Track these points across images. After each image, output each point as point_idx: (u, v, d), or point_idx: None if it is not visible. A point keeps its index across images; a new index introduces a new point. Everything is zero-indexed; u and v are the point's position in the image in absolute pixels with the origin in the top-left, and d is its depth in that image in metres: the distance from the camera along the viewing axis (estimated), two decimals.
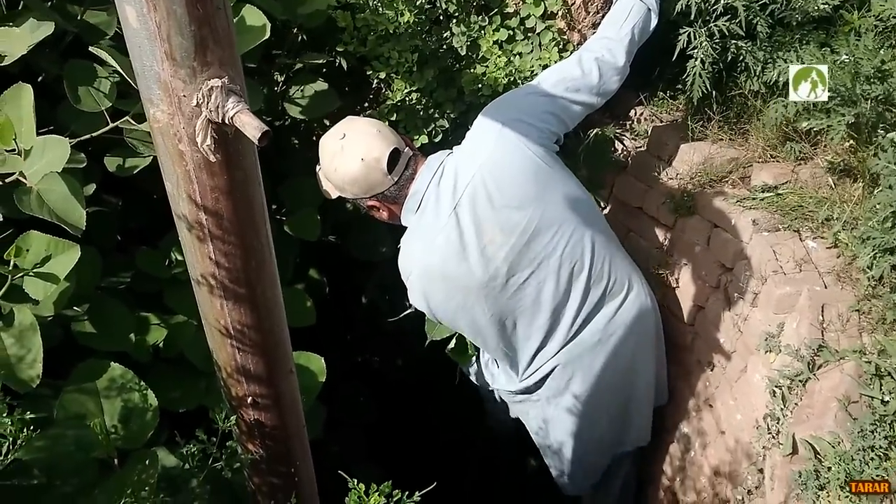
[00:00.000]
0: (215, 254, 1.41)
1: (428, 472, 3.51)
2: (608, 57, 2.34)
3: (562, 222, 2.28)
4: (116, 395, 1.90)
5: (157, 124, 1.28)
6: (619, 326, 2.48)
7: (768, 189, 2.53)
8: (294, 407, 1.75)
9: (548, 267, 2.32)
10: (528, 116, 2.27)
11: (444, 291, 2.33)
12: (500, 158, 2.23)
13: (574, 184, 2.37)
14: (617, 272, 2.44)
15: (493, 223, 2.23)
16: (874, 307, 2.16)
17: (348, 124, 2.22)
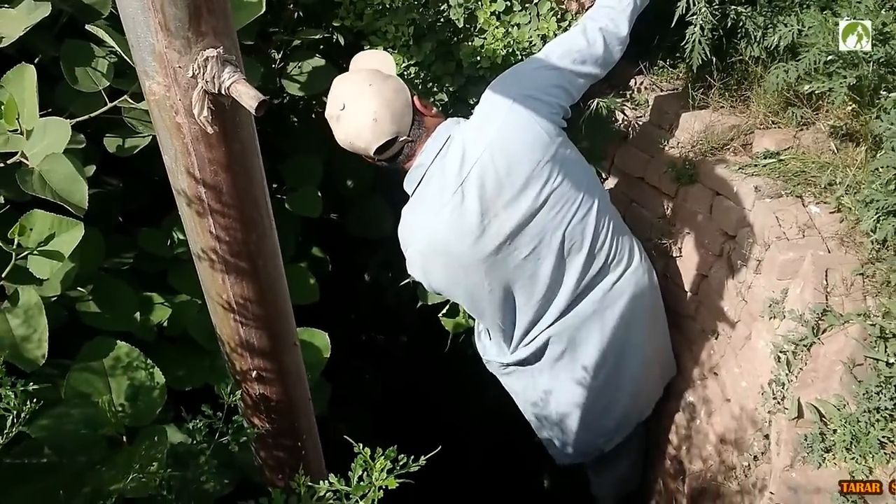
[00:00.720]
0: (215, 228, 1.41)
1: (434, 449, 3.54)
2: (611, 27, 2.32)
3: (566, 199, 2.28)
4: (123, 374, 1.91)
5: (153, 97, 1.27)
6: (615, 298, 2.48)
7: (770, 155, 2.52)
8: (299, 380, 1.76)
9: (550, 242, 2.32)
10: (538, 92, 2.25)
11: (444, 265, 2.33)
12: (510, 135, 2.22)
13: (578, 159, 2.36)
14: (617, 246, 2.44)
15: (499, 200, 2.23)
16: (878, 270, 2.15)
17: (352, 97, 2.17)
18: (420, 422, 3.60)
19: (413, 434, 3.05)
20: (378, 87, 2.17)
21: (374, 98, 2.16)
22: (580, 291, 2.44)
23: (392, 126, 2.18)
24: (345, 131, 2.19)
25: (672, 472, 2.90)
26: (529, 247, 2.31)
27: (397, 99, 2.19)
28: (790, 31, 2.41)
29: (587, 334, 2.51)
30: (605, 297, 2.46)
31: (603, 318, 2.49)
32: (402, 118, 2.20)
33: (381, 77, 2.20)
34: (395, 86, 2.21)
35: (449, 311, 2.91)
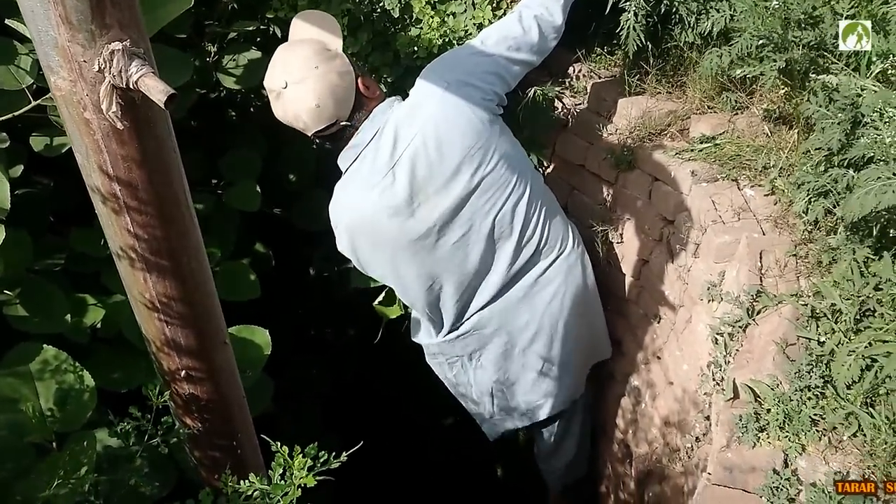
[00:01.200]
0: (133, 225, 1.38)
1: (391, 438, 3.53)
2: (546, 15, 2.33)
3: (497, 186, 2.28)
4: (51, 378, 1.87)
5: (59, 93, 1.23)
6: (545, 284, 2.49)
7: (706, 140, 2.54)
8: (231, 379, 1.73)
9: (479, 229, 2.32)
10: (472, 78, 2.25)
11: (372, 244, 2.33)
12: (443, 121, 2.21)
13: (512, 146, 2.36)
14: (549, 233, 2.45)
15: (430, 185, 2.22)
16: (810, 251, 2.19)
17: (296, 78, 2.12)
18: (372, 413, 3.59)
19: (365, 426, 3.05)
20: (324, 70, 2.13)
21: (317, 82, 2.12)
22: (511, 278, 2.45)
23: (334, 111, 2.17)
24: (283, 110, 2.18)
25: (619, 457, 2.92)
26: (459, 233, 2.31)
27: (341, 83, 2.17)
28: (722, 17, 2.42)
29: (516, 319, 2.52)
30: (535, 283, 2.47)
31: (532, 303, 2.50)
32: (344, 103, 2.18)
33: (328, 57, 2.16)
34: (340, 68, 2.18)
35: (386, 299, 2.90)
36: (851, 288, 1.94)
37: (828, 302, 1.98)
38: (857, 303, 1.91)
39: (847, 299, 1.94)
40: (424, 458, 3.69)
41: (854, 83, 2.12)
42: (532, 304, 2.50)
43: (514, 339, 2.57)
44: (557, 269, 2.48)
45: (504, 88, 2.34)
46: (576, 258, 2.52)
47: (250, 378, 2.19)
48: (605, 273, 2.92)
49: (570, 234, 2.53)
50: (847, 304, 1.93)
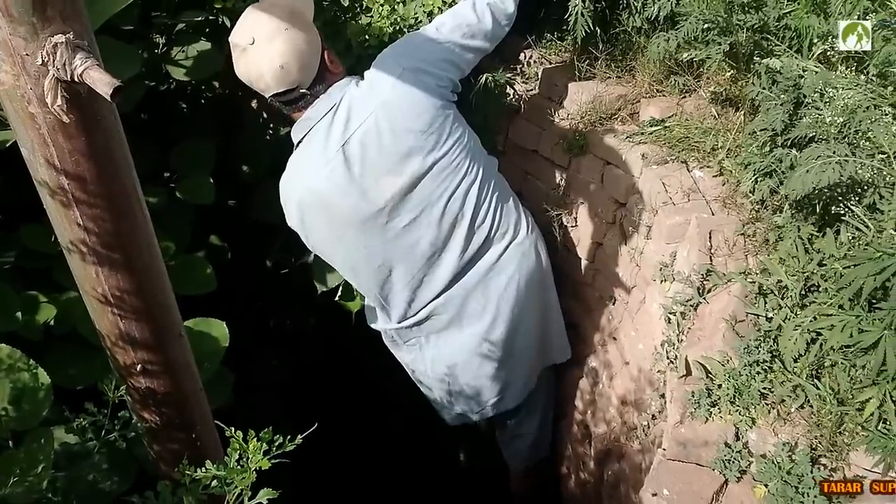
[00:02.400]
0: (83, 219, 1.37)
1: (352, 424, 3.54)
2: (499, 2, 2.35)
3: (448, 171, 2.30)
4: (5, 376, 1.84)
5: (2, 87, 1.22)
6: (500, 270, 2.51)
7: (656, 123, 2.59)
8: (188, 371, 1.72)
9: (430, 215, 2.34)
10: (426, 64, 2.27)
11: (322, 221, 2.35)
12: (396, 104, 2.23)
13: (466, 133, 2.37)
14: (501, 219, 2.47)
15: (381, 166, 2.25)
16: (758, 230, 2.24)
17: (264, 35, 2.11)
18: (333, 401, 3.59)
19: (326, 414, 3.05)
20: (293, 33, 2.13)
21: (285, 43, 2.12)
22: (464, 264, 2.47)
23: (297, 76, 2.18)
24: (246, 67, 2.17)
25: (579, 437, 2.97)
26: (409, 216, 2.33)
27: (309, 51, 2.18)
28: (668, 1, 2.46)
29: (472, 305, 2.54)
30: (490, 269, 2.49)
31: (487, 290, 2.52)
32: (308, 70, 2.19)
33: (299, 22, 2.16)
34: (309, 36, 2.18)
35: (344, 294, 2.91)
36: (797, 265, 2.00)
37: (774, 279, 2.03)
38: (802, 279, 1.97)
39: (793, 276, 1.99)
40: (385, 441, 3.71)
41: (796, 65, 2.17)
42: (487, 290, 2.52)
43: (472, 327, 2.59)
44: (511, 255, 2.50)
45: (458, 75, 2.36)
46: (529, 244, 2.54)
47: (208, 370, 2.19)
48: (562, 257, 2.96)
49: (524, 221, 2.55)
50: (793, 280, 1.98)
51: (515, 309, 2.58)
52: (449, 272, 2.46)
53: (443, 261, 2.44)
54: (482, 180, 2.38)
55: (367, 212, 2.30)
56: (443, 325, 2.59)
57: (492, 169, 2.47)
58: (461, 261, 2.45)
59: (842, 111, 1.94)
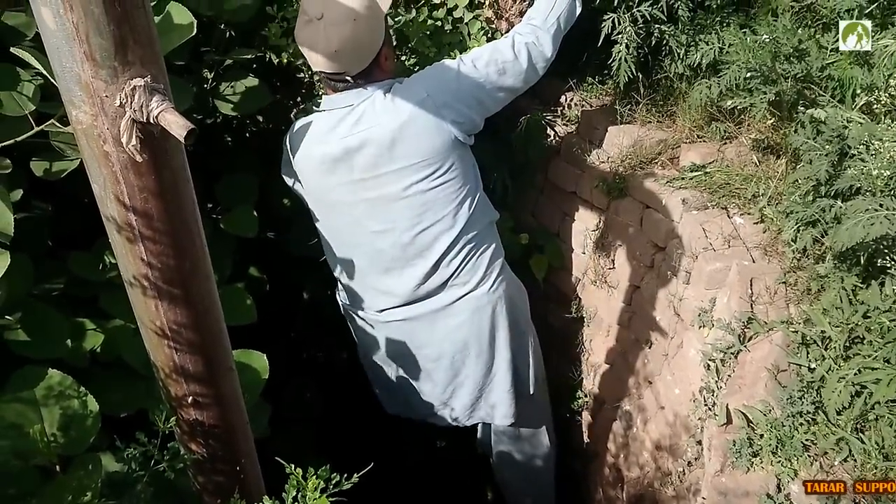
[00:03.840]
0: (147, 255, 1.40)
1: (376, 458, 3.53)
2: (537, 44, 2.34)
3: (427, 208, 2.32)
4: (55, 403, 1.87)
5: (80, 126, 1.26)
6: (451, 315, 2.51)
7: (696, 168, 2.60)
8: (236, 404, 1.75)
9: (398, 236, 2.37)
10: (453, 100, 2.26)
11: (310, 184, 2.40)
12: (407, 124, 2.23)
13: (462, 178, 2.35)
14: (465, 269, 2.45)
15: (367, 171, 2.28)
16: (800, 278, 2.24)
17: (333, 17, 2.12)
18: (363, 433, 3.60)
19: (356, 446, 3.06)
20: (361, 24, 2.14)
21: (349, 31, 2.13)
22: (418, 296, 2.49)
23: (346, 65, 2.19)
24: (305, 38, 2.18)
25: (611, 480, 2.95)
26: (380, 226, 2.37)
27: (368, 44, 2.19)
28: (711, 49, 2.49)
29: (422, 334, 2.57)
30: (440, 310, 2.51)
31: (434, 327, 2.54)
32: (359, 63, 2.21)
33: (369, 14, 2.16)
34: (374, 30, 2.19)
35: None
36: (840, 315, 2.00)
37: (818, 329, 2.03)
38: (846, 330, 1.97)
39: (836, 327, 1.99)
40: (414, 474, 3.71)
41: (840, 115, 2.19)
42: (434, 328, 2.54)
43: (419, 351, 2.61)
44: (464, 304, 2.49)
45: (483, 114, 2.36)
46: (487, 302, 2.50)
47: (248, 402, 2.20)
48: (599, 297, 2.97)
49: (491, 279, 2.51)
50: (836, 331, 1.98)
51: (458, 356, 2.59)
52: (402, 295, 2.49)
53: (400, 281, 2.46)
54: (462, 230, 2.38)
55: (341, 198, 2.36)
56: (400, 336, 2.61)
57: (481, 221, 2.44)
58: (415, 291, 2.47)
59: (888, 164, 1.95)
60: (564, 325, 3.24)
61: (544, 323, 3.30)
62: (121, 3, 1.14)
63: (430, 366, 2.65)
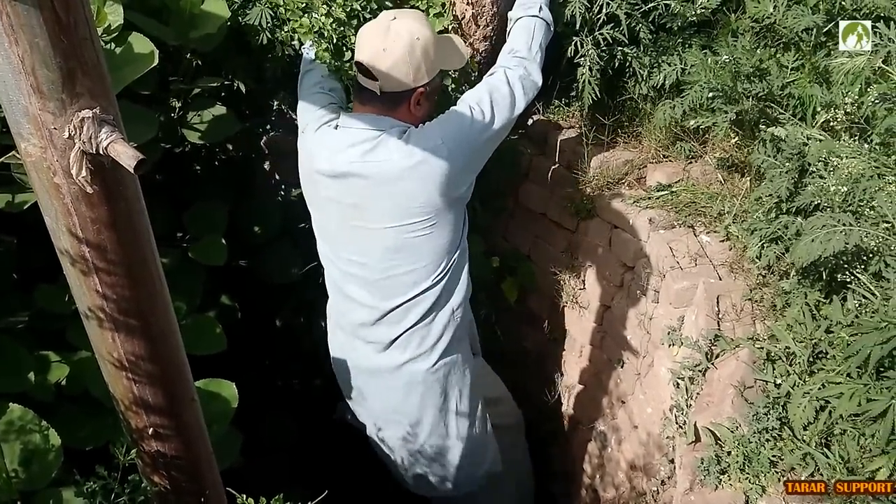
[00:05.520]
0: (102, 286, 1.39)
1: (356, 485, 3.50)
2: (527, 75, 2.32)
3: (406, 253, 2.28)
4: (16, 438, 1.85)
5: (29, 158, 1.26)
6: (387, 378, 2.50)
7: (663, 188, 2.63)
8: (199, 435, 1.73)
9: (368, 273, 2.34)
10: (468, 150, 2.20)
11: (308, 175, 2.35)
12: (414, 171, 2.17)
13: (451, 234, 2.30)
14: (417, 332, 2.41)
15: (363, 202, 2.24)
16: (765, 295, 2.26)
17: (400, 34, 2.12)
18: (340, 463, 3.56)
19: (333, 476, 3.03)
20: (418, 49, 2.12)
21: (406, 45, 2.11)
22: (369, 339, 2.47)
23: (383, 74, 2.14)
24: (368, 27, 2.17)
25: (588, 502, 2.94)
26: (355, 256, 2.34)
27: (413, 71, 2.15)
28: (674, 70, 2.53)
29: (370, 386, 2.58)
30: (385, 371, 2.49)
31: (378, 384, 2.54)
32: (395, 82, 2.16)
33: (431, 50, 2.15)
34: (425, 62, 2.16)
35: None
36: (804, 331, 2.01)
37: (782, 345, 2.04)
38: (809, 345, 1.98)
39: (800, 342, 2.01)
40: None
41: (800, 133, 2.22)
42: (378, 384, 2.55)
43: (381, 404, 2.61)
44: (399, 375, 2.47)
45: (487, 156, 2.32)
46: (422, 380, 2.47)
47: (217, 432, 2.19)
48: (569, 320, 2.97)
49: (436, 357, 2.44)
50: (800, 346, 1.99)
51: (383, 417, 2.61)
52: (353, 324, 2.48)
53: (357, 314, 2.45)
54: (428, 288, 2.33)
55: (325, 205, 2.33)
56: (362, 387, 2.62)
57: (450, 285, 2.38)
58: (364, 328, 2.45)
59: (846, 180, 1.98)
60: (538, 346, 3.24)
61: (517, 346, 3.30)
62: (67, 36, 1.14)
63: (390, 421, 2.64)
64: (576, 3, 2.46)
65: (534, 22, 2.37)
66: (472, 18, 2.53)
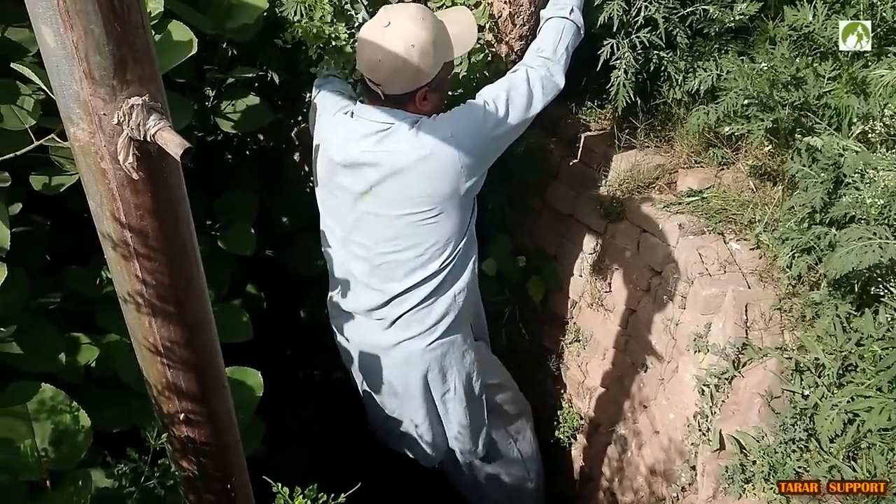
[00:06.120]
0: (142, 272, 1.41)
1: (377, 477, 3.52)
2: (550, 76, 2.33)
3: (410, 238, 2.33)
4: (48, 418, 1.87)
5: (77, 143, 1.27)
6: (388, 357, 2.56)
7: (693, 194, 2.61)
8: (228, 422, 1.75)
9: (371, 255, 2.40)
10: (477, 144, 2.22)
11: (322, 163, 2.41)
12: (423, 163, 2.21)
13: (458, 226, 2.34)
14: (417, 313, 2.46)
15: (374, 189, 2.28)
16: (794, 305, 2.25)
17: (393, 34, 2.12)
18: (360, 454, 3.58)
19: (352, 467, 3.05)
20: (415, 53, 2.12)
21: (402, 53, 2.11)
22: (374, 318, 2.52)
23: (384, 81, 2.18)
24: (364, 35, 2.18)
25: None
26: (361, 238, 2.39)
27: (413, 74, 2.16)
28: (709, 76, 2.51)
29: (369, 361, 2.62)
30: (385, 348, 2.55)
31: (376, 361, 2.59)
32: (396, 86, 2.19)
33: (429, 51, 2.14)
34: (426, 64, 2.15)
35: None
36: (834, 343, 2.00)
37: (811, 356, 2.03)
38: (839, 358, 1.97)
39: (830, 354, 2.00)
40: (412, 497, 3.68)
41: (836, 143, 2.20)
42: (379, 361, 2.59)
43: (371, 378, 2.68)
44: (398, 352, 2.53)
45: (498, 153, 2.35)
46: (420, 358, 2.53)
47: (242, 420, 2.20)
48: (595, 320, 2.97)
49: (436, 335, 2.50)
50: (830, 358, 1.98)
51: (406, 393, 2.65)
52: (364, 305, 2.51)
53: (360, 301, 2.51)
54: (431, 275, 2.38)
55: (344, 198, 2.37)
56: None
57: (454, 274, 2.43)
58: (370, 313, 2.51)
59: (882, 192, 1.96)
60: (560, 347, 3.24)
61: (539, 346, 3.30)
62: (120, 23, 1.15)
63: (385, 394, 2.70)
64: (614, 5, 2.45)
65: (563, 23, 2.38)
66: (510, 17, 2.53)
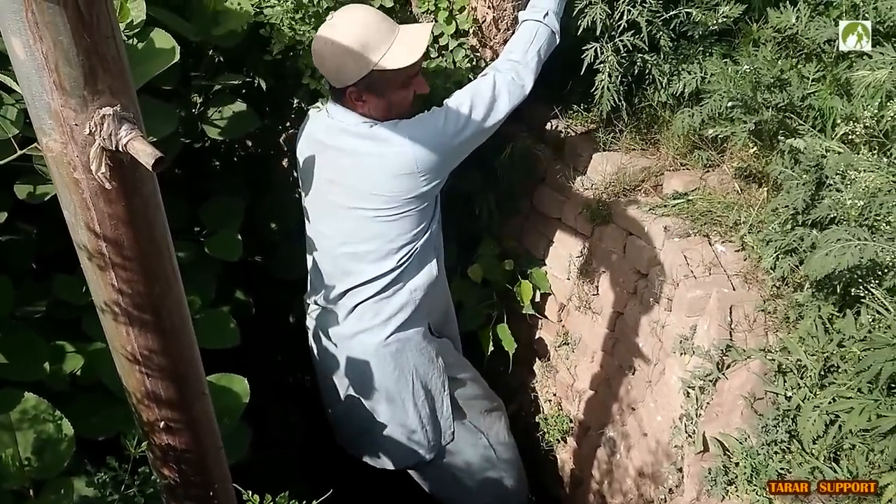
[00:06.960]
0: (117, 281, 1.41)
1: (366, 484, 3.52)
2: (517, 80, 2.35)
3: (366, 234, 2.39)
4: (30, 427, 1.87)
5: (50, 153, 1.27)
6: (346, 348, 2.59)
7: (679, 196, 2.62)
8: (209, 429, 1.75)
9: (334, 248, 2.49)
10: (434, 152, 2.26)
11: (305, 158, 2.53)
12: (378, 159, 2.29)
13: (414, 226, 2.39)
14: (370, 308, 2.50)
15: (338, 177, 2.37)
16: (778, 307, 2.25)
17: (333, 29, 2.22)
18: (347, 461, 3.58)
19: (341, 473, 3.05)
20: (339, 50, 2.20)
21: (331, 50, 2.21)
22: (335, 307, 2.57)
23: (326, 72, 2.29)
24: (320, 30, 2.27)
25: None
26: (327, 230, 2.49)
27: (339, 71, 2.25)
28: (694, 79, 2.52)
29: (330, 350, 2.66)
30: (343, 338, 2.59)
31: (336, 352, 2.62)
32: (333, 79, 2.29)
33: (354, 51, 2.20)
34: (349, 65, 2.22)
35: None
36: (816, 344, 2.00)
37: (794, 358, 2.04)
38: (821, 359, 1.97)
39: (812, 355, 2.00)
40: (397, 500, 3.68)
41: (819, 145, 2.21)
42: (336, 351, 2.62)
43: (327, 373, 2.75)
44: (354, 343, 2.56)
45: (459, 159, 2.38)
46: (374, 352, 2.55)
47: (228, 426, 2.20)
48: (581, 325, 2.97)
49: (388, 332, 2.53)
50: (812, 360, 1.99)
51: (360, 388, 2.66)
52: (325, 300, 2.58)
53: (329, 284, 2.56)
54: (386, 272, 2.43)
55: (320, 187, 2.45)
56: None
57: (410, 274, 2.48)
58: (327, 301, 2.57)
59: (863, 194, 1.97)
60: (549, 350, 3.25)
61: (528, 349, 3.30)
62: (89, 34, 1.16)
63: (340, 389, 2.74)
64: (597, 9, 2.45)
65: (537, 27, 2.39)
66: (493, 22, 2.54)
